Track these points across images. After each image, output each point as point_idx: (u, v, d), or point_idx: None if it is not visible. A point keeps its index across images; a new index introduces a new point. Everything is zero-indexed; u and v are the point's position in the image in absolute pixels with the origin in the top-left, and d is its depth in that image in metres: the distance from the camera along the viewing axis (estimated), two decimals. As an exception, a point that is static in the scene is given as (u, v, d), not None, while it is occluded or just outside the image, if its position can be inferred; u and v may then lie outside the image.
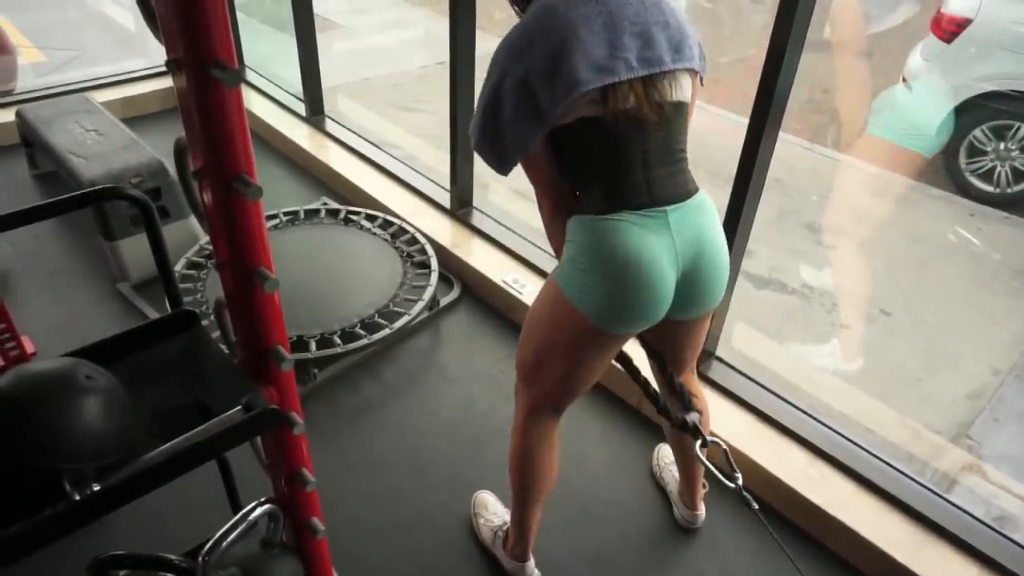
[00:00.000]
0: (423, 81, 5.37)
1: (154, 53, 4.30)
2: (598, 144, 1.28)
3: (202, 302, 2.37)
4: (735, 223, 1.99)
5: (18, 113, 3.07)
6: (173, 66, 0.93)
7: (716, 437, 1.50)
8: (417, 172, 3.21)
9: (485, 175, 2.94)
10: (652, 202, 1.29)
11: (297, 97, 3.78)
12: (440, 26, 6.15)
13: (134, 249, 2.61)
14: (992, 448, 2.43)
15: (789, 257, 3.45)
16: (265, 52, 4.52)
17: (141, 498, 0.98)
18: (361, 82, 5.24)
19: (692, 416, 1.49)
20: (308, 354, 2.16)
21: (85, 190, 1.16)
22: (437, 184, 3.10)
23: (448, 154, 2.85)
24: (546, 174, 1.36)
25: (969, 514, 1.78)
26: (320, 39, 3.52)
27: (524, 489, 1.60)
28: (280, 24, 4.26)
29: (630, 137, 1.27)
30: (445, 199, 2.98)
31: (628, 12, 1.25)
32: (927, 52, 4.31)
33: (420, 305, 2.40)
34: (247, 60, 4.17)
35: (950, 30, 4.13)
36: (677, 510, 1.88)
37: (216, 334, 1.30)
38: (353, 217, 2.86)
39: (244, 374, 1.17)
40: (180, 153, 1.10)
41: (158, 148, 2.78)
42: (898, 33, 5.48)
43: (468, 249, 2.74)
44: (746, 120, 1.87)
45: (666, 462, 1.98)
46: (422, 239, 2.71)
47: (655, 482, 1.99)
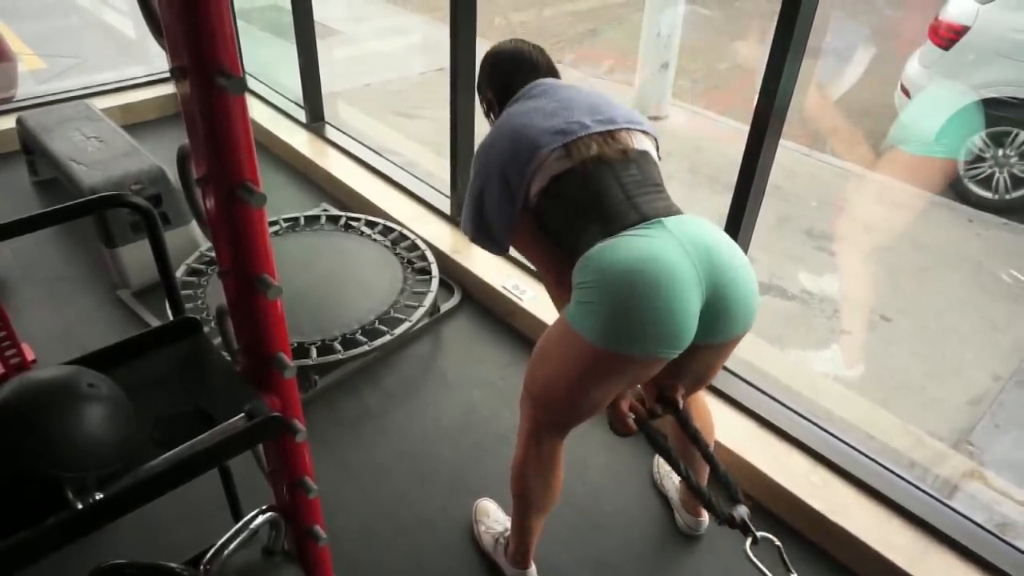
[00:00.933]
0: (422, 87, 5.38)
1: (154, 60, 4.31)
2: (576, 191, 1.37)
3: (203, 308, 2.36)
4: (736, 229, 1.99)
5: (19, 120, 3.07)
6: (177, 74, 0.94)
7: (769, 535, 1.36)
8: (417, 178, 3.21)
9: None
10: (643, 218, 1.31)
11: (297, 103, 3.79)
12: (439, 32, 6.17)
13: (134, 256, 2.61)
14: (993, 454, 2.43)
15: (789, 263, 3.45)
16: (265, 58, 4.52)
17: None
18: (361, 88, 5.25)
19: (741, 510, 1.35)
20: (309, 360, 2.16)
21: (89, 197, 1.16)
22: (437, 190, 3.10)
23: (448, 160, 2.85)
24: (539, 248, 1.46)
25: (971, 520, 1.78)
26: (320, 46, 3.53)
27: (526, 502, 1.58)
28: (279, 31, 4.26)
29: (603, 175, 1.36)
30: (445, 205, 2.98)
31: (577, 98, 1.46)
32: (925, 59, 4.32)
33: (421, 311, 2.40)
34: (247, 67, 4.18)
35: (948, 37, 4.15)
36: (679, 517, 1.88)
37: (217, 340, 1.29)
38: (353, 223, 2.86)
39: (246, 381, 1.17)
40: (183, 160, 1.10)
41: (158, 155, 2.78)
42: (895, 41, 5.51)
43: (468, 255, 2.74)
44: (744, 126, 1.87)
45: (667, 469, 1.98)
46: (422, 245, 2.71)
47: (657, 489, 1.99)
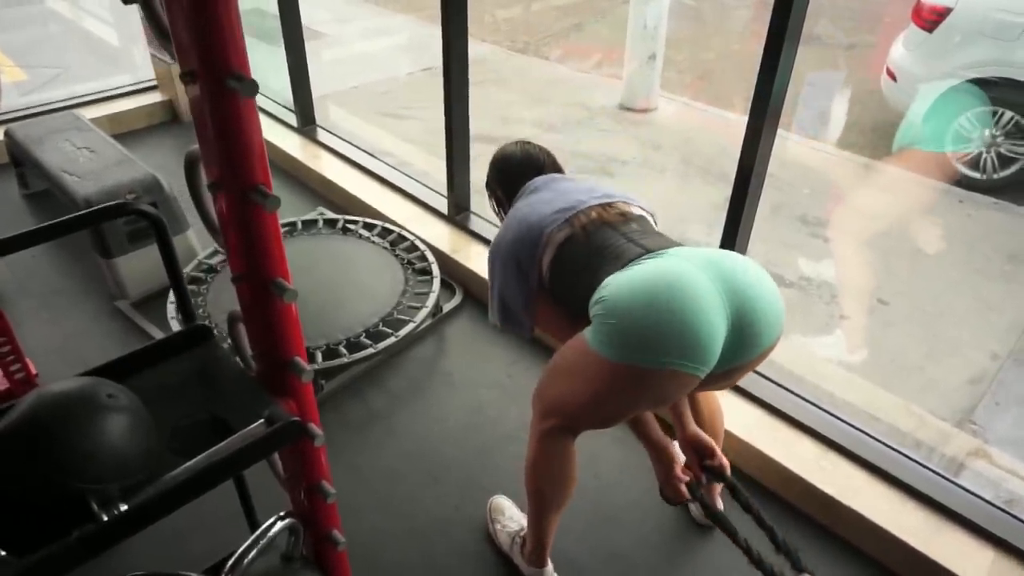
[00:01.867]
0: (410, 87, 5.36)
1: (139, 69, 4.27)
2: (583, 251, 1.45)
3: (204, 317, 2.35)
4: (736, 222, 1.99)
5: (6, 133, 3.03)
6: (187, 78, 0.93)
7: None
8: (412, 179, 3.20)
9: (481, 181, 2.95)
10: (649, 251, 1.37)
11: (287, 107, 3.76)
12: (424, 32, 6.15)
13: (131, 266, 2.59)
14: (996, 432, 2.45)
15: (784, 251, 3.47)
16: (252, 64, 4.49)
17: (162, 516, 0.97)
18: (349, 90, 5.23)
19: None
20: (315, 365, 2.15)
21: (97, 207, 1.14)
22: (433, 190, 3.09)
23: (442, 160, 2.85)
24: (558, 323, 1.54)
25: (980, 497, 1.80)
26: (306, 48, 3.51)
27: (542, 499, 1.58)
28: (264, 35, 4.23)
29: (605, 233, 1.46)
30: (442, 205, 2.97)
31: (573, 186, 1.61)
32: (909, 42, 4.35)
33: (424, 312, 2.39)
34: (234, 72, 4.14)
35: (931, 19, 4.18)
36: (693, 506, 1.89)
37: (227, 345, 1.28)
38: (351, 226, 2.85)
39: (262, 387, 1.17)
40: (190, 165, 1.09)
41: (150, 163, 2.76)
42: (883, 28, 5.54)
43: (468, 254, 2.74)
44: (732, 115, 1.89)
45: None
46: (421, 246, 2.71)
47: (668, 480, 1.99)
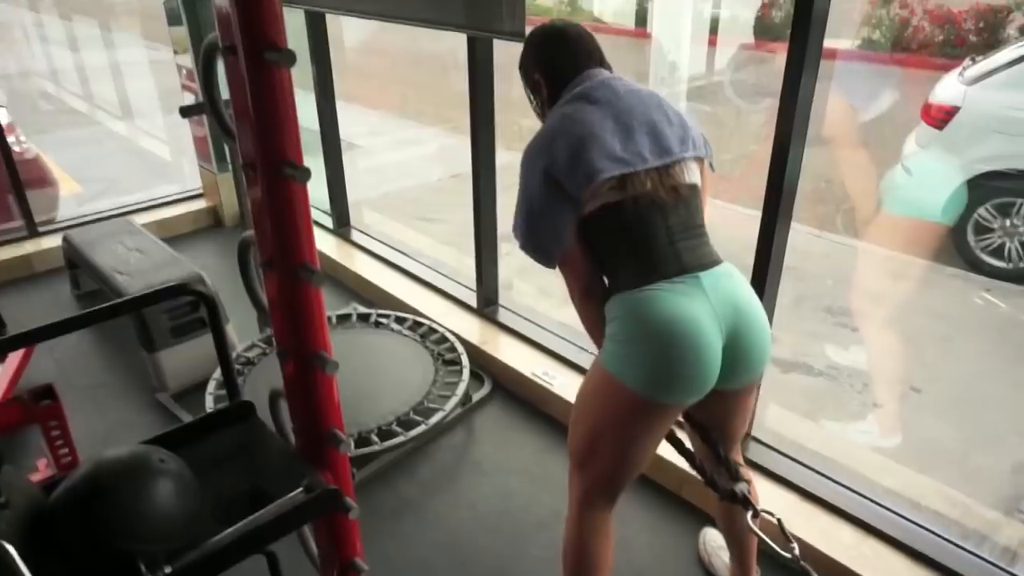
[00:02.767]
0: (439, 193, 5.62)
1: (187, 179, 4.57)
2: (623, 226, 1.39)
3: (240, 407, 2.41)
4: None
5: (65, 238, 3.24)
6: (248, 170, 1.04)
7: (768, 510, 1.48)
8: (442, 275, 3.32)
9: (510, 277, 3.07)
10: (682, 269, 1.36)
11: (323, 210, 3.97)
12: (452, 142, 6.50)
13: (172, 360, 2.69)
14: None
15: (811, 341, 3.47)
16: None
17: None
18: (381, 197, 5.49)
19: (741, 486, 1.48)
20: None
21: (156, 288, 1.24)
22: (463, 285, 3.20)
23: (470, 258, 2.97)
24: (580, 262, 1.45)
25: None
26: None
27: None
28: (305, 147, 4.53)
29: (652, 216, 1.38)
30: (471, 299, 3.06)
31: (636, 113, 1.43)
32: (921, 139, 4.50)
33: (454, 401, 2.43)
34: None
35: (940, 117, 4.33)
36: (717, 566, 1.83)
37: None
38: (383, 320, 2.94)
39: (301, 459, 1.21)
40: (244, 249, 1.19)
41: (194, 263, 2.92)
42: (889, 122, 5.74)
43: (496, 345, 2.80)
44: (753, 212, 1.96)
45: (714, 546, 1.94)
46: (451, 337, 2.78)
47: (704, 568, 1.94)
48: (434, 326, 2.86)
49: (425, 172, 6.17)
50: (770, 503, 1.98)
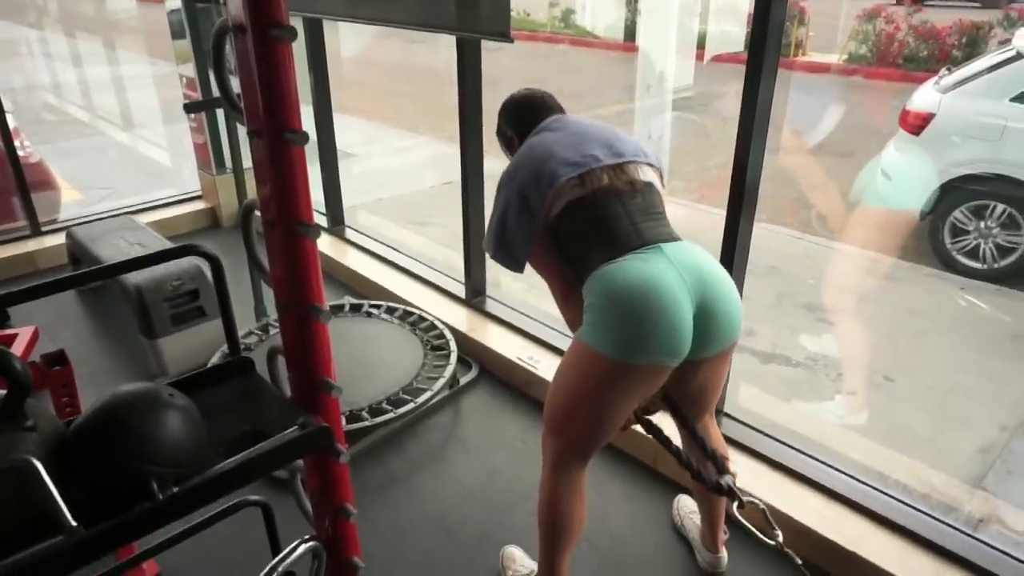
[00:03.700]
0: (432, 199, 5.75)
1: (187, 183, 4.69)
2: (587, 216, 1.55)
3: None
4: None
5: (68, 234, 3.36)
6: (254, 136, 1.16)
7: (753, 497, 1.55)
8: (432, 268, 3.44)
9: (496, 277, 3.20)
10: (645, 242, 1.49)
11: (319, 212, 4.10)
12: (444, 150, 6.65)
13: (172, 347, 2.79)
14: (1009, 498, 2.46)
15: (791, 334, 3.59)
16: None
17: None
18: (374, 202, 5.62)
19: (727, 479, 1.53)
20: (338, 429, 2.28)
21: (171, 247, 1.36)
22: (452, 278, 3.32)
23: (461, 257, 3.10)
24: (553, 265, 1.63)
25: (996, 548, 1.82)
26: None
27: (553, 537, 1.66)
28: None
29: (612, 204, 1.55)
30: (460, 290, 3.18)
31: (589, 132, 1.65)
32: (900, 145, 4.66)
33: (441, 382, 2.54)
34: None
35: (916, 124, 4.49)
36: (700, 556, 1.93)
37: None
38: (374, 310, 3.06)
39: (297, 405, 1.32)
40: (247, 213, 1.31)
41: (194, 257, 3.03)
42: (876, 133, 5.91)
43: (483, 333, 2.92)
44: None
45: (687, 511, 2.05)
46: (440, 325, 2.89)
47: (677, 533, 2.05)
48: (423, 315, 2.98)
49: (419, 179, 6.32)
50: (743, 474, 2.10)
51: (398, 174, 6.53)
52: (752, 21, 1.86)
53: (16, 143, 3.86)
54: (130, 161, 6.73)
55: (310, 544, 1.45)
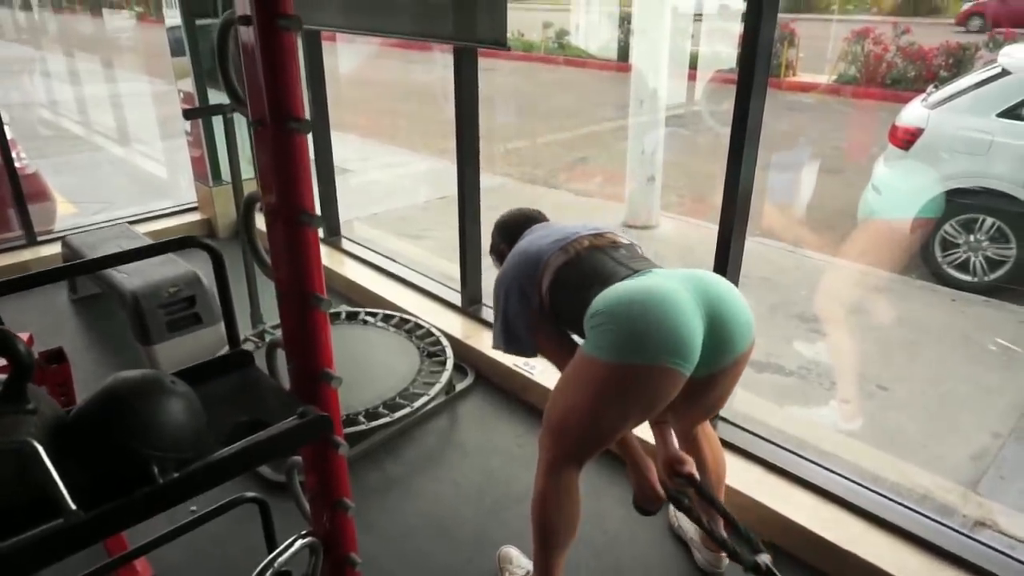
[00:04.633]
0: (427, 213, 5.78)
1: (183, 194, 4.71)
2: (577, 273, 1.64)
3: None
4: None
5: (64, 242, 3.36)
6: (257, 124, 1.18)
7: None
8: (428, 277, 3.46)
9: (491, 292, 3.22)
10: (636, 272, 1.56)
11: (315, 223, 4.11)
12: (438, 166, 6.70)
13: (167, 353, 2.79)
14: (1003, 502, 2.48)
15: (784, 344, 3.62)
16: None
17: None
18: (370, 216, 5.65)
19: (763, 558, 1.49)
20: (335, 433, 2.28)
21: (170, 239, 1.38)
22: (448, 286, 3.33)
23: (456, 267, 3.12)
24: (555, 340, 1.72)
25: (991, 547, 1.83)
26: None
27: (547, 536, 1.66)
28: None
29: (599, 257, 1.65)
30: (456, 299, 3.20)
31: (570, 225, 1.80)
32: (889, 160, 4.73)
33: (438, 387, 2.54)
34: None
35: (906, 139, 4.56)
36: (699, 554, 1.93)
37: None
38: (370, 318, 3.06)
39: (296, 396, 1.33)
40: (249, 205, 1.32)
41: (191, 265, 3.04)
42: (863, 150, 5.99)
43: (480, 340, 2.92)
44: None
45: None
46: (436, 332, 2.90)
47: (674, 535, 2.05)
48: (419, 322, 2.99)
49: (413, 194, 6.36)
50: (739, 476, 2.11)
51: (393, 189, 6.58)
52: (742, 40, 1.91)
53: (13, 154, 3.88)
54: (127, 175, 6.75)
55: (307, 540, 1.45)
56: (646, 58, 5.13)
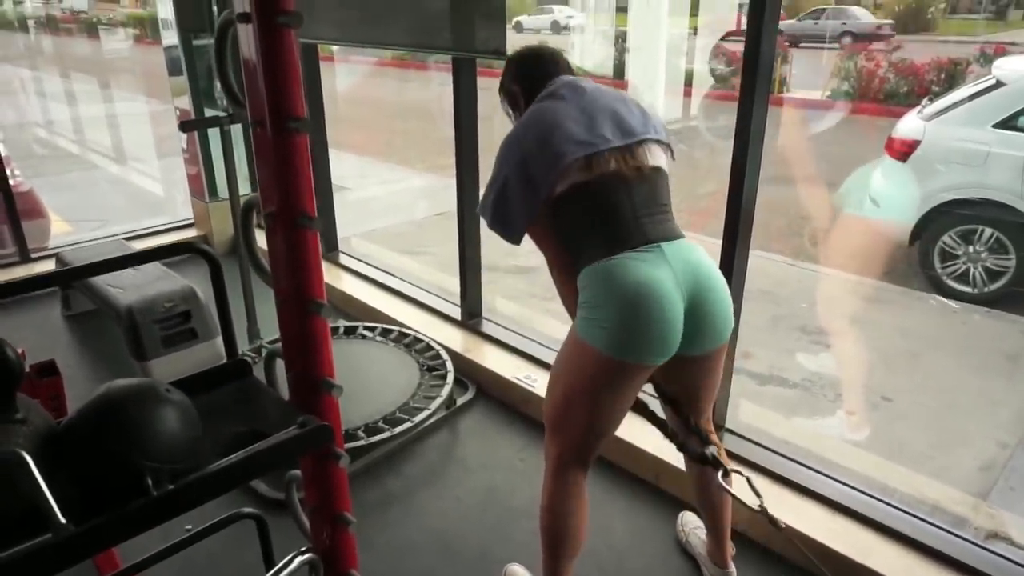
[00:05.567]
0: (424, 229, 5.76)
1: (179, 211, 4.69)
2: (590, 203, 1.51)
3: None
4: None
5: (58, 258, 3.32)
6: (257, 127, 1.15)
7: (737, 469, 1.57)
8: (427, 291, 3.42)
9: (492, 301, 3.19)
10: (646, 240, 1.48)
11: (312, 239, 4.08)
12: (435, 183, 6.70)
13: (162, 369, 2.74)
14: (1015, 514, 2.43)
15: (787, 357, 3.59)
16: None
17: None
18: (367, 232, 5.62)
19: (711, 449, 1.57)
20: (333, 448, 2.23)
21: (173, 243, 1.34)
22: (447, 300, 3.29)
23: (455, 281, 3.09)
24: (553, 241, 1.58)
25: (1006, 558, 1.79)
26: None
27: (555, 545, 1.63)
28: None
29: (617, 192, 1.51)
30: (455, 312, 3.16)
31: (599, 104, 1.57)
32: (886, 171, 4.73)
33: (438, 401, 2.50)
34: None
35: (902, 151, 4.57)
36: (707, 571, 1.88)
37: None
38: (368, 333, 3.02)
39: (295, 406, 1.29)
40: (247, 211, 1.29)
41: (186, 280, 3.00)
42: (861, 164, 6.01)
43: (480, 353, 2.88)
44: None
45: (691, 527, 2.00)
46: (436, 346, 2.86)
47: (682, 549, 2.00)
48: (419, 336, 2.95)
49: (410, 210, 6.35)
50: (748, 488, 2.06)
51: (390, 205, 6.56)
52: (744, 53, 1.90)
53: (7, 171, 3.85)
54: (123, 193, 6.72)
55: (307, 556, 1.40)
56: (642, 75, 5.16)
